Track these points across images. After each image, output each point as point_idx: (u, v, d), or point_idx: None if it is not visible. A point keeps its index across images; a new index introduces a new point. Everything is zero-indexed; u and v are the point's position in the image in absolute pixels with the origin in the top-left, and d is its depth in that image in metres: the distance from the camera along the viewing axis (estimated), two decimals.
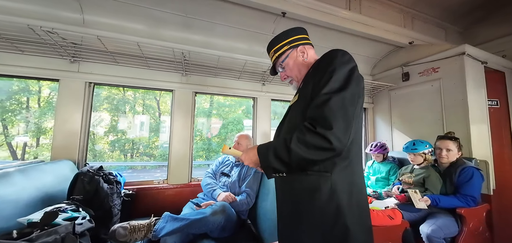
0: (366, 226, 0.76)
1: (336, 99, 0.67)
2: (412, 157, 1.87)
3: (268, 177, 0.80)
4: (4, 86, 7.65)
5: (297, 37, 0.92)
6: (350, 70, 0.74)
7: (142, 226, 1.27)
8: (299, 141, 0.68)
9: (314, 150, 0.67)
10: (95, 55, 1.77)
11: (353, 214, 0.71)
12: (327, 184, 0.71)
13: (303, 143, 0.68)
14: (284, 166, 0.73)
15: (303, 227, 0.74)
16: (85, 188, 1.31)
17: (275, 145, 0.75)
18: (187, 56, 1.90)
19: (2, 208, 1.01)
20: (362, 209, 0.76)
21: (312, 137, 0.67)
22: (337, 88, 0.70)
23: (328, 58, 0.77)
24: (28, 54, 1.67)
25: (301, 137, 0.68)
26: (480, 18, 2.68)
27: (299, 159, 0.69)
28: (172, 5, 1.76)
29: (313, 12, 1.94)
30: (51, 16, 1.64)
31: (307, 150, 0.67)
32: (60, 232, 0.95)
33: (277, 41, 0.93)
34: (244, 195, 1.67)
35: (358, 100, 0.72)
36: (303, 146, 0.67)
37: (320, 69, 0.77)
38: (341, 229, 0.69)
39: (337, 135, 0.65)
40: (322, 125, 0.66)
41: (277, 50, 0.92)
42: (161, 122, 11.10)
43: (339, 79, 0.71)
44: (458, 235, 1.58)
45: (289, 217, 0.81)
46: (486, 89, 2.11)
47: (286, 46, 0.91)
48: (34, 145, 8.75)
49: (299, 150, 0.68)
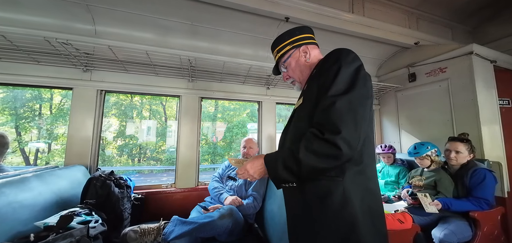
0: (380, 235, 0.72)
1: (343, 101, 0.64)
2: (418, 160, 1.84)
3: (277, 188, 0.78)
4: (18, 95, 7.99)
5: (300, 37, 0.89)
6: (356, 69, 0.70)
7: (152, 230, 1.29)
8: (307, 150, 0.65)
9: (324, 158, 0.63)
10: (106, 64, 1.84)
11: (367, 225, 0.67)
12: (339, 189, 0.67)
13: (311, 151, 0.64)
14: (294, 176, 0.69)
15: (316, 234, 0.70)
16: (98, 192, 1.35)
17: (283, 155, 0.71)
18: (194, 63, 1.94)
19: (20, 212, 1.06)
20: (375, 217, 0.72)
21: (320, 144, 0.63)
22: (344, 89, 0.66)
23: (332, 59, 0.74)
24: (44, 64, 1.75)
25: (309, 146, 0.65)
26: (489, 16, 2.63)
27: (310, 169, 0.65)
28: (179, 13, 1.82)
29: (316, 16, 1.96)
30: (66, 28, 1.73)
31: (316, 158, 0.64)
32: (75, 235, 0.98)
33: (280, 40, 0.91)
34: (251, 198, 1.68)
35: (366, 101, 0.68)
36: (312, 155, 0.64)
37: (324, 71, 0.74)
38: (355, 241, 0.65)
39: (346, 139, 0.61)
40: (329, 130, 0.63)
41: (280, 50, 0.90)
42: (167, 126, 11.28)
43: (344, 80, 0.68)
44: (472, 240, 1.53)
45: (301, 224, 0.77)
46: (496, 89, 2.06)
47: (288, 46, 0.89)
48: (46, 150, 9.04)
49: (309, 160, 0.64)
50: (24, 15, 1.63)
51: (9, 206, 1.00)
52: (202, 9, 1.77)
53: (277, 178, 0.73)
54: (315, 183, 0.71)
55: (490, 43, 2.54)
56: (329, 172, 0.68)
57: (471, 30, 2.88)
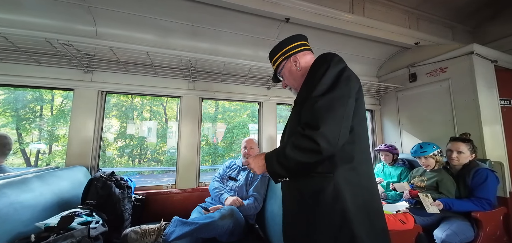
0: (376, 230, 0.74)
1: (323, 101, 0.70)
2: (423, 161, 1.82)
3: (275, 182, 0.85)
4: (19, 96, 8.02)
5: (290, 48, 0.94)
6: (339, 71, 0.76)
7: (152, 230, 1.29)
8: (293, 145, 0.72)
9: (304, 152, 0.70)
10: (107, 65, 1.85)
11: (360, 219, 0.70)
12: (330, 184, 0.72)
13: (296, 147, 0.71)
14: (285, 171, 0.76)
15: (309, 229, 0.75)
16: (99, 193, 1.35)
17: (277, 151, 0.79)
18: (194, 64, 1.95)
19: (21, 213, 1.06)
20: (371, 212, 0.74)
21: (302, 140, 0.70)
22: (325, 90, 0.73)
23: (318, 63, 0.80)
24: (45, 65, 1.76)
25: (295, 142, 0.72)
26: (489, 16, 2.63)
27: (295, 163, 0.72)
28: (180, 15, 1.83)
29: (316, 17, 1.97)
30: (67, 30, 1.73)
31: (299, 153, 0.70)
32: (76, 236, 0.98)
33: (273, 54, 0.98)
34: (252, 199, 1.68)
35: (348, 100, 0.72)
36: (297, 150, 0.71)
37: (311, 75, 0.81)
38: (348, 235, 0.69)
39: (325, 135, 0.66)
40: (309, 126, 0.69)
41: (274, 62, 0.98)
42: (167, 127, 11.29)
43: (327, 82, 0.74)
44: (474, 240, 1.52)
45: (295, 220, 0.82)
46: (497, 89, 2.05)
47: (280, 58, 0.95)
48: (47, 151, 9.06)
49: (293, 154, 0.71)
50: (26, 16, 1.64)
51: (10, 207, 1.00)
52: (202, 10, 1.78)
53: (273, 172, 0.80)
54: (308, 179, 0.77)
55: (490, 43, 2.54)
56: (316, 167, 0.75)
57: (472, 30, 2.88)
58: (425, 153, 1.79)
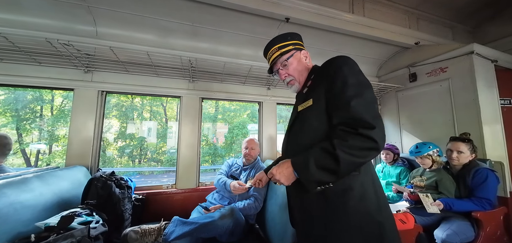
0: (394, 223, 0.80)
1: (367, 102, 0.72)
2: (419, 160, 1.83)
3: (310, 191, 0.75)
4: (19, 96, 8.02)
5: (300, 42, 0.97)
6: (360, 72, 0.79)
7: (152, 230, 1.29)
8: (343, 145, 0.68)
9: (360, 151, 0.69)
10: (107, 65, 1.85)
11: (381, 207, 0.76)
12: (358, 182, 0.75)
13: (347, 146, 0.68)
14: (332, 175, 0.70)
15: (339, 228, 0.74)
16: (99, 192, 1.35)
17: (314, 155, 0.72)
18: (194, 63, 1.95)
19: (21, 213, 1.06)
20: (388, 206, 0.81)
21: (356, 139, 0.69)
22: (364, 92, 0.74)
23: (337, 64, 0.80)
24: (45, 65, 1.76)
25: (344, 142, 0.69)
26: (489, 16, 2.63)
27: (349, 163, 0.69)
28: (180, 15, 1.83)
29: (316, 17, 1.97)
30: (67, 30, 1.73)
31: (358, 152, 0.69)
32: (76, 235, 0.98)
33: (282, 39, 0.93)
34: (252, 199, 1.67)
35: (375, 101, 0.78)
36: (349, 149, 0.68)
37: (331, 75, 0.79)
38: (375, 225, 0.73)
39: (379, 134, 0.69)
40: (364, 126, 0.69)
41: (282, 47, 0.92)
42: (167, 127, 11.29)
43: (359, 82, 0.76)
44: (475, 240, 1.52)
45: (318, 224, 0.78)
46: (497, 88, 2.05)
47: (291, 46, 0.93)
48: (47, 152, 9.05)
49: (347, 155, 0.68)
50: (26, 16, 1.64)
51: (10, 207, 1.00)
52: (202, 10, 1.78)
53: (311, 180, 0.73)
54: None
55: (490, 43, 2.54)
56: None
57: (472, 30, 2.88)
58: (419, 153, 1.80)
